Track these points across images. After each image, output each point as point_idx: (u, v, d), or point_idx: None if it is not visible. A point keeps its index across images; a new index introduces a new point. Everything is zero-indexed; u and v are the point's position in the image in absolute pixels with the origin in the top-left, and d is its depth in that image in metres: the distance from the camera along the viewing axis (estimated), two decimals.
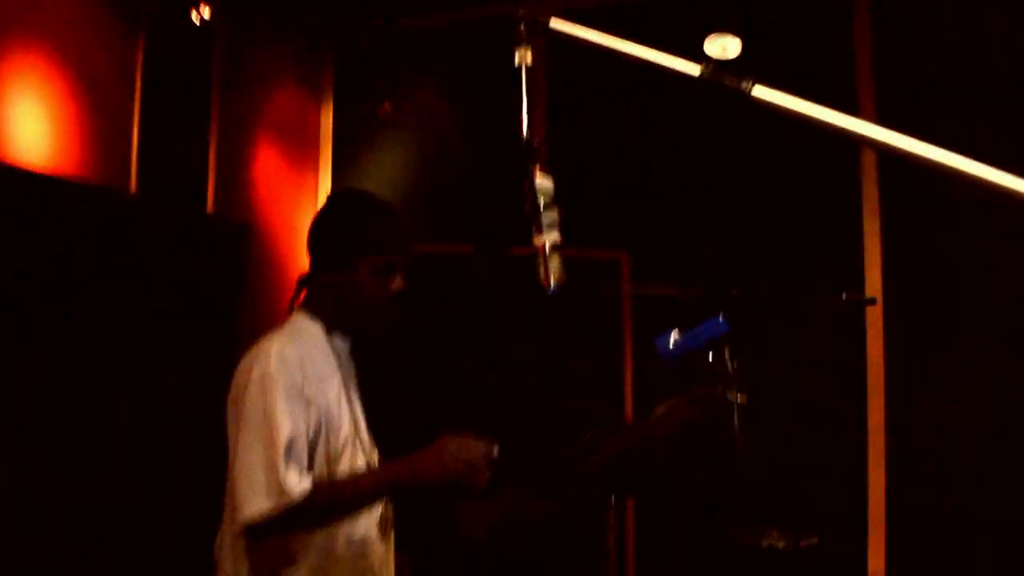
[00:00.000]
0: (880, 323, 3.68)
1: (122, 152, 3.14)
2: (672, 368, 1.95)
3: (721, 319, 2.03)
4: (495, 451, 1.99)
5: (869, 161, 3.94)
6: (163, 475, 3.11)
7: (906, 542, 3.96)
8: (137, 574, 2.93)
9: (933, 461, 3.91)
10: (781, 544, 3.91)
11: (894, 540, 3.98)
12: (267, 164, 4.05)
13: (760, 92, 1.27)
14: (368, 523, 2.10)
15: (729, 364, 2.01)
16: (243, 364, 2.00)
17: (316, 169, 4.41)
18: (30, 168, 2.73)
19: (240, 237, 3.59)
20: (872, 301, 3.47)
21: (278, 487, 1.85)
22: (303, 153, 4.33)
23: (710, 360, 2.01)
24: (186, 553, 2.27)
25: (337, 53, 4.45)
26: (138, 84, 3.19)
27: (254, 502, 1.84)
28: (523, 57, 1.78)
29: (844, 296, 3.12)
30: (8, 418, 2.54)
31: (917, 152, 1.14)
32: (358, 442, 2.12)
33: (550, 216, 1.98)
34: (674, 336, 2.05)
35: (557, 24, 1.51)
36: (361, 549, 2.07)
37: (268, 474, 1.85)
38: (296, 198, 4.24)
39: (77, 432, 2.77)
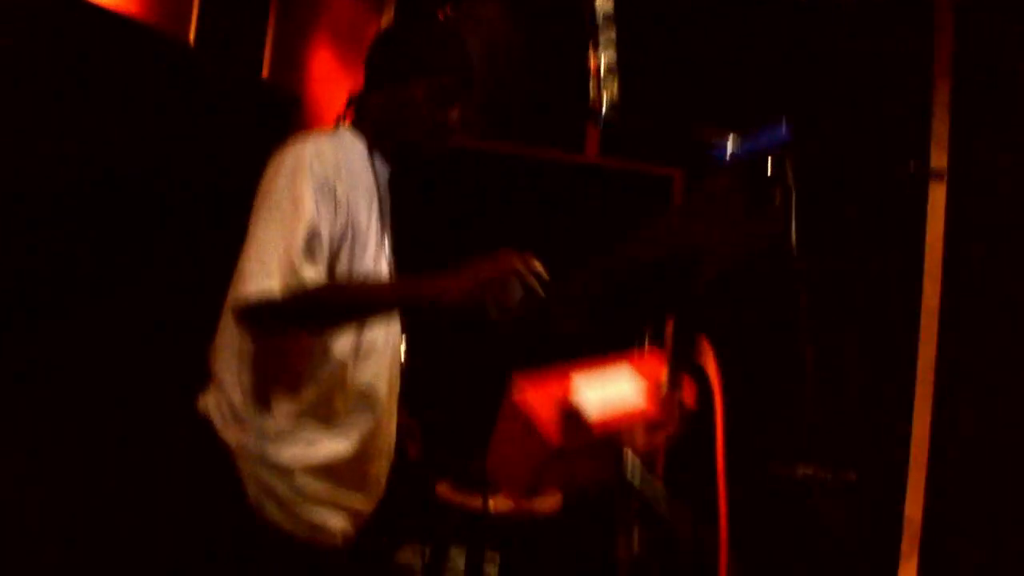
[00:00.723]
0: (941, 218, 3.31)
1: (183, 2, 3.15)
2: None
3: (783, 126, 1.94)
4: (538, 265, 1.75)
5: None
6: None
7: (947, 491, 3.80)
8: None
9: (985, 400, 3.76)
10: (816, 476, 3.77)
11: (934, 487, 3.81)
12: (321, 65, 4.04)
13: None
14: (376, 371, 1.95)
15: (791, 176, 1.91)
16: (276, 157, 1.88)
17: None
18: (95, 2, 2.74)
19: (293, 108, 3.57)
20: (940, 175, 3.06)
21: (291, 269, 1.71)
22: (358, 57, 4.32)
23: (769, 170, 1.92)
24: None
25: None
26: None
27: (261, 280, 1.70)
28: None
29: (911, 167, 2.76)
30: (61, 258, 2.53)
31: None
32: (380, 271, 1.98)
33: (607, 34, 1.92)
34: (732, 140, 1.96)
35: None
36: (367, 398, 1.94)
37: (283, 255, 1.71)
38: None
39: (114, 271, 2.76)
